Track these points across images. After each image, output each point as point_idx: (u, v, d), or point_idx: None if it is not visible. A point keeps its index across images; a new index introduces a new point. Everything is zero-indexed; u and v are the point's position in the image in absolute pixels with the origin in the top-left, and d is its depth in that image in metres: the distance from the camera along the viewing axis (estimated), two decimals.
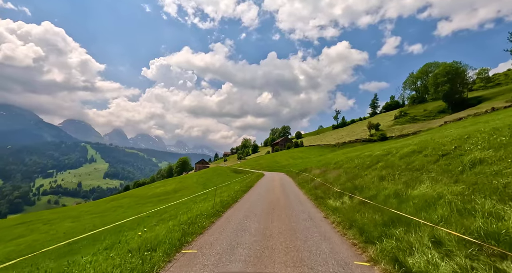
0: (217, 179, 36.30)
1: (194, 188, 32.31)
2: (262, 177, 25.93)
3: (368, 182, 9.25)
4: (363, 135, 59.78)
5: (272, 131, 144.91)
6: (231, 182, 23.78)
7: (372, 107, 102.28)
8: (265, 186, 16.59)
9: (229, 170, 46.11)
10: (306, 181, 16.54)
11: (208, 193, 16.42)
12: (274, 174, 32.70)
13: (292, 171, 28.47)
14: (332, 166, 18.47)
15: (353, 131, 73.83)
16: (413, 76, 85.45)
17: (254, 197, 12.16)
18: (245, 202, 10.58)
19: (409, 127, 51.38)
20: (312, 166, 24.61)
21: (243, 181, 22.19)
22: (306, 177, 18.02)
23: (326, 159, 33.59)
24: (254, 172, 35.73)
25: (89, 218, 22.69)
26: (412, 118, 61.47)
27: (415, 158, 9.39)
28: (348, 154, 30.58)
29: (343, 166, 16.06)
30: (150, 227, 7.37)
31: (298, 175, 21.66)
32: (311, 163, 35.81)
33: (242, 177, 30.18)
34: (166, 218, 10.30)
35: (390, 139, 45.47)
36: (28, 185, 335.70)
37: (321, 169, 19.51)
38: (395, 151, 12.72)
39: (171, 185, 37.90)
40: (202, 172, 55.59)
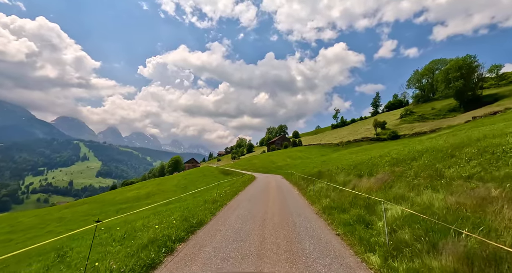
0: (202, 181, 30.84)
1: (171, 192, 26.77)
2: (250, 184, 18.74)
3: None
4: (368, 134, 54.79)
5: (268, 131, 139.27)
6: (217, 184, 18.09)
7: (374, 106, 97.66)
8: (251, 208, 8.94)
9: (218, 171, 40.39)
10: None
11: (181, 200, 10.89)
12: (270, 177, 26.87)
13: (294, 174, 22.57)
14: (368, 168, 11.73)
15: (355, 131, 68.86)
16: (418, 74, 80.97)
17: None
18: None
19: (420, 126, 46.49)
20: (330, 168, 18.27)
21: (219, 190, 15.77)
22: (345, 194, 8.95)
23: (331, 160, 28.37)
24: (245, 174, 30.14)
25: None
26: (420, 117, 56.69)
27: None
28: (359, 154, 25.25)
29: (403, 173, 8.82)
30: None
31: (311, 184, 12.81)
32: (313, 163, 30.50)
33: (230, 180, 24.58)
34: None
35: (403, 137, 40.49)
36: (17, 182, 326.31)
37: (359, 174, 11.34)
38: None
39: (148, 188, 32.24)
40: (187, 172, 49.76)
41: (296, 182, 17.62)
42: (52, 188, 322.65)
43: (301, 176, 17.89)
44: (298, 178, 18.59)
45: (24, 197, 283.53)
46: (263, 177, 27.05)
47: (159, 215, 8.79)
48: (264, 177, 27.10)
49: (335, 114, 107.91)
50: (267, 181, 21.21)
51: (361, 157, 19.32)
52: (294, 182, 18.42)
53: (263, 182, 20.78)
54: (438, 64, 76.62)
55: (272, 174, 33.39)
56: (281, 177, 28.21)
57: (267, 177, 27.98)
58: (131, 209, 19.07)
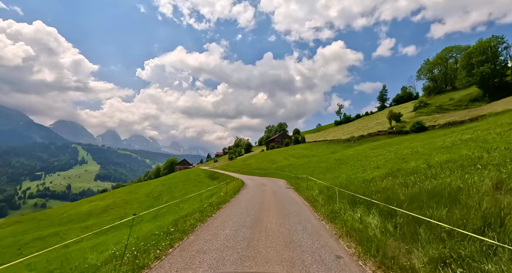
0: (181, 188, 24.51)
1: (137, 204, 20.49)
2: (225, 206, 10.04)
3: None
4: (380, 128, 48.29)
5: (267, 129, 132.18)
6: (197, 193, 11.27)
7: (380, 100, 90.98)
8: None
9: (205, 174, 33.69)
10: None
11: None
12: (267, 185, 18.30)
13: (311, 183, 13.87)
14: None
15: (364, 125, 62.31)
16: (430, 63, 74.26)
17: None
18: None
19: (444, 117, 40.05)
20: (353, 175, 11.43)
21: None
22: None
23: (348, 157, 21.88)
24: (235, 178, 23.32)
25: None
26: (439, 108, 50.17)
27: None
28: (387, 150, 18.73)
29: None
30: None
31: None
32: (324, 162, 23.91)
33: (211, 190, 17.82)
34: None
35: (431, 129, 34.05)
36: (14, 187, 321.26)
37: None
38: None
39: (113, 198, 25.94)
40: (169, 176, 43.18)
41: (315, 205, 9.14)
42: (49, 192, 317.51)
43: (350, 194, 7.59)
44: (330, 195, 9.36)
45: (21, 202, 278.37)
46: (256, 185, 18.15)
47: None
48: (257, 185, 18.10)
49: (339, 110, 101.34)
50: (261, 198, 12.10)
51: (401, 152, 12.67)
52: (313, 205, 9.42)
53: (254, 200, 11.53)
54: (451, 51, 70.04)
55: (271, 178, 25.89)
56: (284, 182, 20.59)
57: (262, 185, 18.80)
58: (63, 237, 12.68)
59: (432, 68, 74.61)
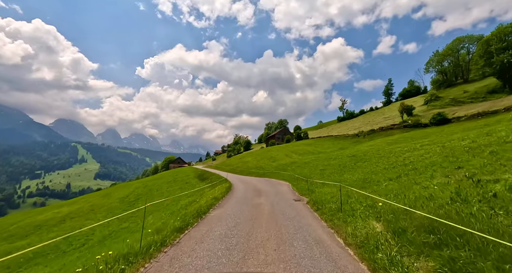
0: (165, 191, 20.99)
1: (105, 212, 16.94)
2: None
3: None
4: (390, 122, 44.48)
5: (267, 126, 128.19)
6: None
7: (385, 95, 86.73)
8: None
9: (194, 174, 29.97)
10: None
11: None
12: (265, 190, 14.25)
13: (336, 195, 8.45)
14: None
15: (370, 121, 58.44)
16: (439, 55, 70.04)
17: None
18: None
19: (463, 109, 36.24)
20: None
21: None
22: None
23: (364, 154, 18.17)
24: (223, 181, 19.34)
25: None
26: (453, 100, 46.28)
27: None
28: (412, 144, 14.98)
29: None
30: None
31: None
32: (335, 160, 20.09)
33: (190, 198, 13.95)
34: None
35: (455, 121, 30.24)
36: (14, 186, 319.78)
37: None
38: None
39: (85, 202, 22.40)
40: (154, 177, 39.45)
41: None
42: (49, 191, 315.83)
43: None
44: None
45: (20, 201, 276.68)
46: (245, 197, 12.36)
47: None
48: (248, 196, 12.51)
49: (342, 105, 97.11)
50: (244, 249, 5.00)
51: (450, 146, 8.88)
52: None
53: (240, 225, 6.73)
54: (463, 42, 65.77)
55: (271, 180, 21.56)
56: (288, 187, 15.84)
57: (257, 194, 13.37)
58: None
59: (442, 60, 70.43)
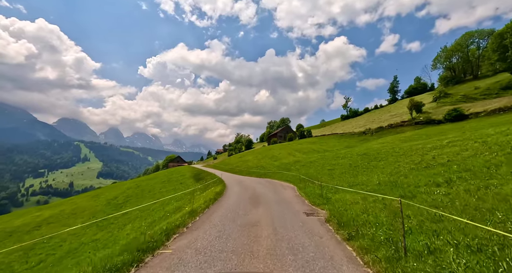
0: (157, 192, 19.42)
1: (88, 216, 15.35)
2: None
3: None
4: (398, 119, 42.42)
5: (269, 125, 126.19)
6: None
7: (391, 93, 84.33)
8: None
9: (190, 174, 28.35)
10: None
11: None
12: (265, 196, 11.94)
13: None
14: None
15: (375, 119, 56.35)
16: (447, 51, 67.61)
17: None
18: None
19: (478, 106, 34.14)
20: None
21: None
22: None
23: (373, 151, 16.40)
24: (219, 183, 17.38)
25: None
26: (465, 97, 44.11)
27: None
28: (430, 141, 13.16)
29: None
30: None
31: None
32: (348, 158, 18.23)
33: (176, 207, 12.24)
34: None
35: (473, 117, 28.28)
36: (17, 185, 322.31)
37: None
38: None
39: (71, 204, 20.89)
40: (148, 177, 37.76)
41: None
42: (52, 190, 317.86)
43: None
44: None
45: (23, 199, 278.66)
46: (245, 196, 11.37)
47: None
48: (249, 198, 11.15)
49: (345, 103, 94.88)
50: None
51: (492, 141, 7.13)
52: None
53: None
54: (472, 37, 63.29)
55: (273, 181, 19.37)
56: (293, 191, 13.56)
57: (256, 197, 11.61)
58: None
59: (450, 56, 67.98)
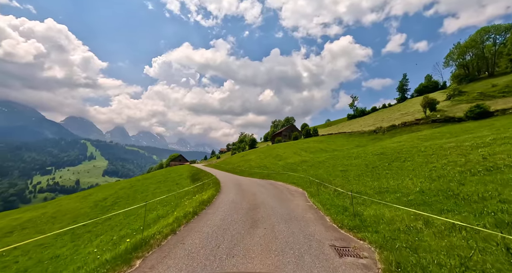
0: (149, 193, 18.05)
1: (68, 221, 14.07)
2: None
3: None
4: (410, 118, 40.18)
5: (273, 124, 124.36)
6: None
7: (400, 91, 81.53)
8: None
9: (188, 174, 26.89)
10: None
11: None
12: (268, 203, 9.63)
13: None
14: None
15: (385, 118, 54.04)
16: (461, 47, 64.64)
17: None
18: None
19: (499, 103, 31.82)
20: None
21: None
22: None
23: (391, 151, 14.63)
24: (213, 186, 15.19)
25: None
26: (482, 95, 41.61)
27: None
28: (481, 140, 11.33)
29: None
30: None
31: None
32: (362, 159, 16.42)
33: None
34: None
35: (500, 114, 26.06)
36: (25, 182, 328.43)
37: None
38: None
39: (58, 205, 19.71)
40: (145, 176, 36.25)
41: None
42: (59, 187, 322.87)
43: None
44: None
45: (31, 196, 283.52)
46: (240, 207, 8.98)
47: None
48: (244, 211, 8.57)
49: (352, 102, 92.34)
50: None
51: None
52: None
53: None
54: (488, 32, 60.24)
55: (277, 184, 16.84)
56: (303, 196, 11.65)
57: (254, 209, 8.86)
58: None
59: (464, 53, 65.00)
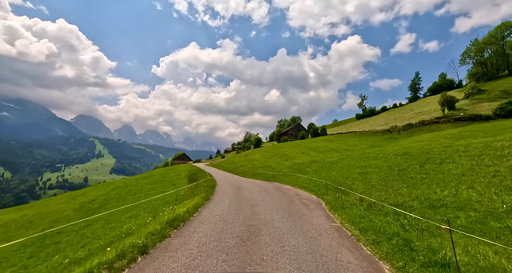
0: (141, 194, 16.76)
1: (46, 225, 12.84)
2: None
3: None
4: (426, 117, 37.71)
5: (279, 124, 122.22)
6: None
7: (412, 90, 78.28)
8: None
9: (187, 174, 25.39)
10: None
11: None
12: (273, 222, 7.00)
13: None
14: None
15: (397, 117, 51.41)
16: (480, 44, 61.20)
17: None
18: None
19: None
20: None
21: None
22: None
23: (418, 151, 12.74)
24: (204, 191, 12.87)
25: None
26: (505, 93, 38.79)
27: None
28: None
29: None
30: None
31: None
32: (383, 160, 14.47)
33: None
34: None
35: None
36: (36, 178, 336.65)
37: None
38: None
39: (37, 208, 18.68)
40: (142, 176, 34.68)
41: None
42: (68, 184, 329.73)
43: None
44: None
45: (41, 192, 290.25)
46: (229, 232, 6.23)
47: None
48: (238, 231, 6.24)
49: (361, 102, 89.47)
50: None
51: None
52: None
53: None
54: (510, 28, 56.67)
55: (284, 186, 15.10)
56: (320, 210, 9.06)
57: (252, 235, 6.04)
58: None
59: (482, 50, 61.54)
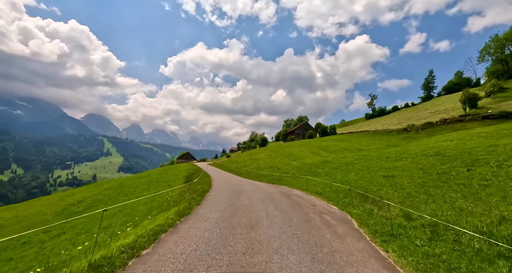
0: (137, 195, 15.56)
1: (17, 232, 11.59)
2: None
3: None
4: (444, 116, 35.29)
5: (285, 123, 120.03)
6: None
7: (425, 89, 75.00)
8: None
9: (185, 174, 24.01)
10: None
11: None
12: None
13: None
14: None
15: (411, 117, 48.83)
16: (500, 40, 57.72)
17: None
18: None
19: None
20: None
21: None
22: None
23: (456, 152, 10.92)
24: (189, 201, 10.84)
25: None
26: None
27: None
28: None
29: None
30: None
31: None
32: (411, 160, 12.59)
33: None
34: None
35: None
36: (47, 175, 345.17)
37: None
38: None
39: (20, 210, 17.70)
40: (139, 175, 33.52)
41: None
42: (77, 181, 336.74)
43: None
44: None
45: (52, 189, 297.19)
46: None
47: None
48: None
49: (371, 101, 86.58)
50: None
51: None
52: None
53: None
54: None
55: (293, 191, 12.95)
56: (359, 244, 5.87)
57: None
58: None
59: (502, 46, 58.00)
